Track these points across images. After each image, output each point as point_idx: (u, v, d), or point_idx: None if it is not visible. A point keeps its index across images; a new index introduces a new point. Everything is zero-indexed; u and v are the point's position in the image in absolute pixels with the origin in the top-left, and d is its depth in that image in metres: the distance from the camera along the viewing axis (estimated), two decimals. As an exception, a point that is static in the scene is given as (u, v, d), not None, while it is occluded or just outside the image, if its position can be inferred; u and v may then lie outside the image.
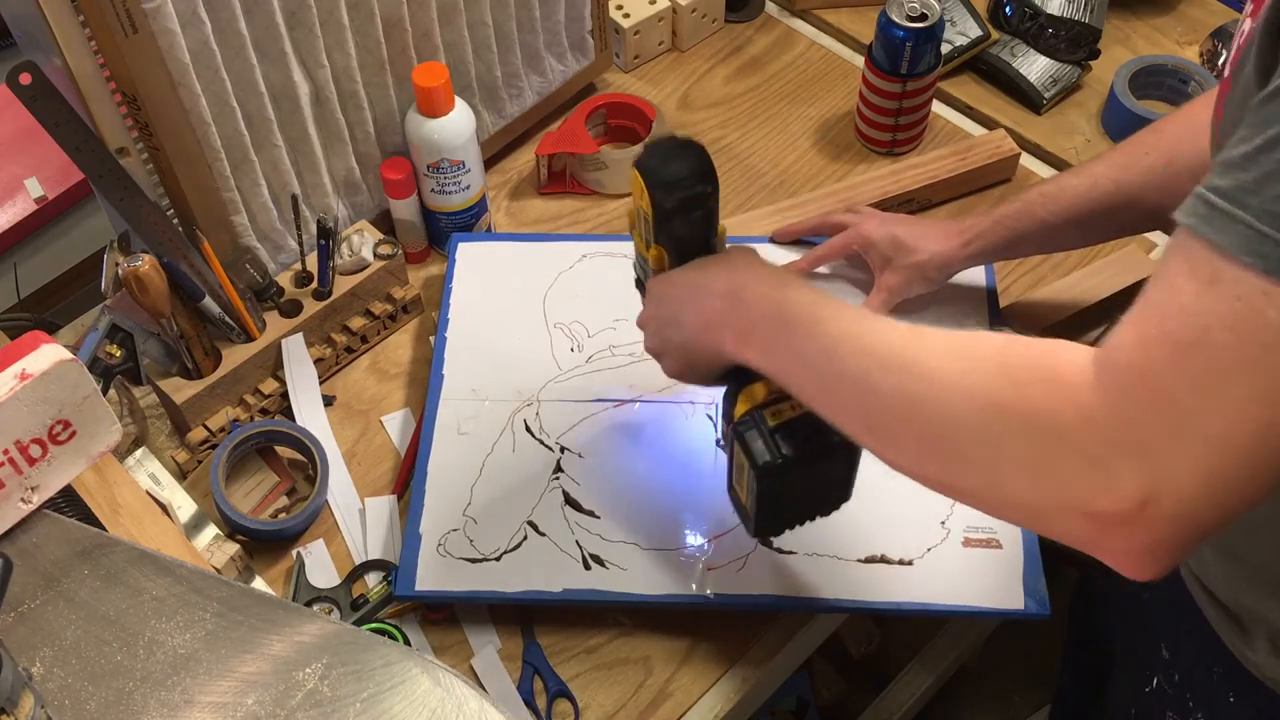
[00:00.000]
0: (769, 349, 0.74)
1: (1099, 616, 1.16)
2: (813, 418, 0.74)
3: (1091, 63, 1.34)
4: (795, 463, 0.78)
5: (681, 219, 0.82)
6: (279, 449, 1.08)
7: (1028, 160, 1.30)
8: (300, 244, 1.12)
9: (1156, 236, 1.23)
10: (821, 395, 0.71)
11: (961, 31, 1.35)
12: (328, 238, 1.07)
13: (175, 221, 1.04)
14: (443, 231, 1.22)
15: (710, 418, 1.05)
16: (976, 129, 1.34)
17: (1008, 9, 1.35)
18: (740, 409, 0.81)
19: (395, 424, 1.12)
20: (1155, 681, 0.94)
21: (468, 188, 1.18)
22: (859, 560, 0.97)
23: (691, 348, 0.83)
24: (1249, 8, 0.64)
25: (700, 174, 0.80)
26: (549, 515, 1.00)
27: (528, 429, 1.05)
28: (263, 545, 1.03)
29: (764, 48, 1.43)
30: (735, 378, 0.83)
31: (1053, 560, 0.97)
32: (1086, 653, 1.23)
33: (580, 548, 0.98)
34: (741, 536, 0.98)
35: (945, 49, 1.30)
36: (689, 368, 0.85)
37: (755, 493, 0.80)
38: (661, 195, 0.80)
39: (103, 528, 0.89)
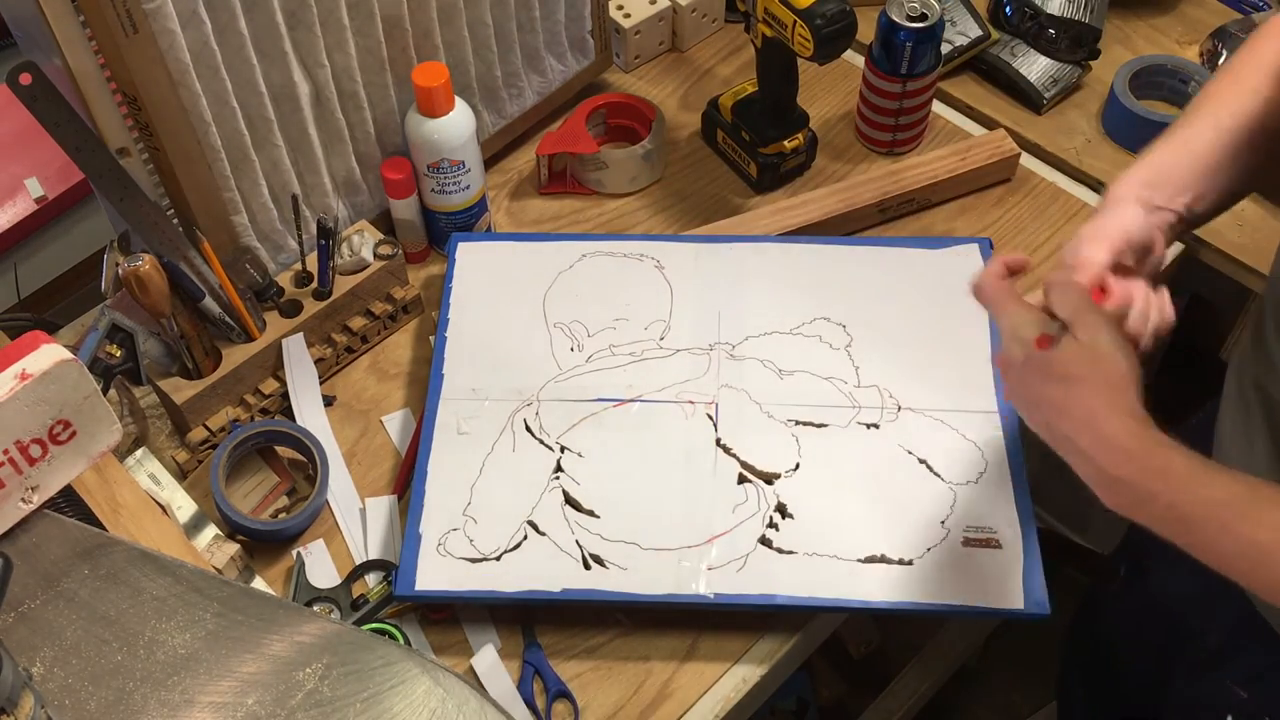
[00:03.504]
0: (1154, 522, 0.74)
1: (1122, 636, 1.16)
2: None
3: (1091, 63, 1.34)
4: None
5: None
6: (279, 449, 1.08)
7: (1028, 160, 1.30)
8: (300, 244, 1.12)
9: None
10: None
11: (961, 31, 1.35)
12: (328, 238, 1.07)
13: (175, 221, 1.04)
14: (443, 231, 1.22)
15: (710, 417, 1.05)
16: (976, 129, 1.34)
17: (1008, 9, 1.35)
18: None
19: (395, 424, 1.12)
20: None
21: (468, 188, 1.18)
22: (859, 560, 0.97)
23: (1068, 450, 0.77)
24: None
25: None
26: (549, 515, 1.00)
27: (528, 429, 1.05)
28: (263, 545, 1.03)
29: (764, 48, 1.43)
30: None
31: (1052, 561, 0.97)
32: (1091, 660, 1.24)
33: (580, 548, 0.98)
34: (741, 537, 0.98)
35: (945, 49, 1.30)
36: (1050, 437, 0.79)
37: None
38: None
39: (103, 528, 0.89)
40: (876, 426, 1.04)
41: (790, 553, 0.97)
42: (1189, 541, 0.72)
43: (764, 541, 0.98)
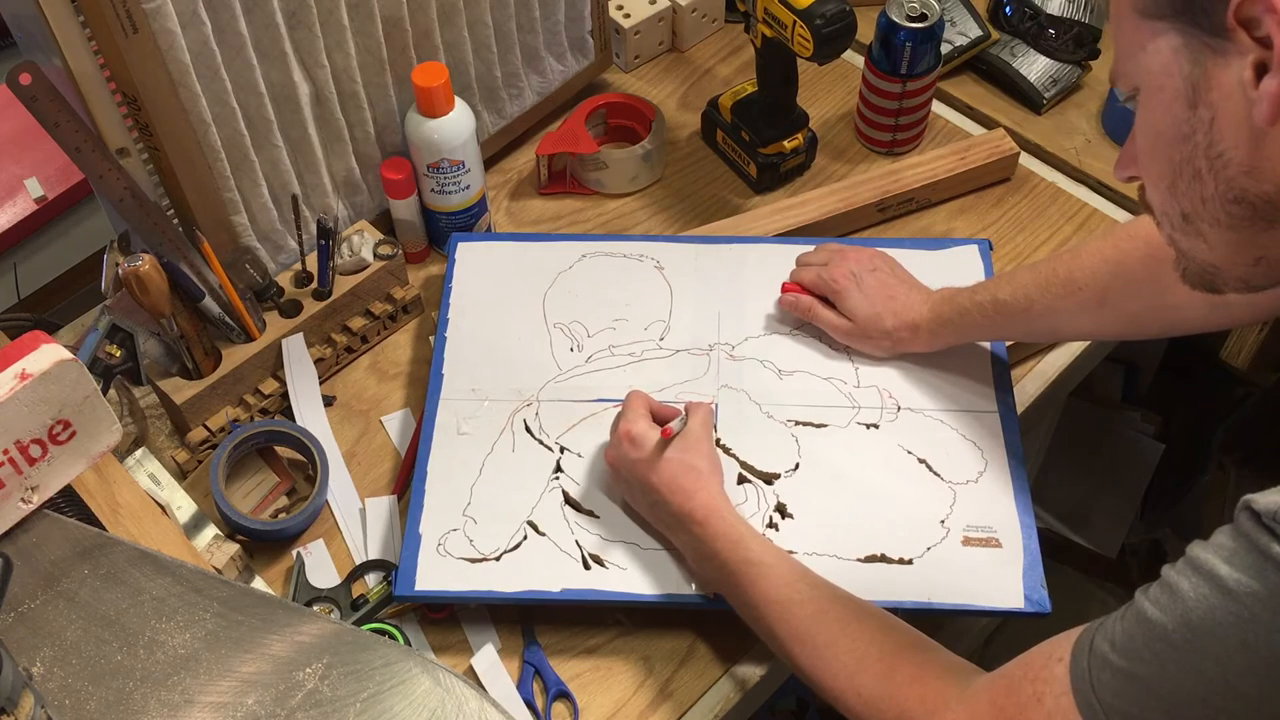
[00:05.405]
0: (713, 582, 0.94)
1: None
2: None
3: (1091, 63, 1.34)
4: None
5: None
6: (279, 449, 1.08)
7: (1027, 160, 1.30)
8: (300, 244, 1.12)
9: (1156, 236, 1.23)
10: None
11: (961, 31, 1.35)
12: (328, 238, 1.07)
13: (175, 221, 1.04)
14: (443, 231, 1.22)
15: (710, 418, 1.05)
16: (976, 129, 1.34)
17: (1008, 9, 1.35)
18: None
19: (395, 424, 1.12)
20: None
21: (467, 188, 1.18)
22: (859, 560, 0.97)
23: (648, 511, 0.97)
24: None
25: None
26: (549, 515, 1.00)
27: (527, 429, 1.05)
28: (263, 545, 1.03)
29: (764, 48, 1.43)
30: None
31: (1052, 561, 0.97)
32: None
33: (580, 548, 0.98)
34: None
35: (945, 49, 1.30)
36: (629, 495, 0.99)
37: None
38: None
39: (103, 528, 0.89)
40: (876, 426, 1.04)
41: (790, 553, 0.97)
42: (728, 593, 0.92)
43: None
